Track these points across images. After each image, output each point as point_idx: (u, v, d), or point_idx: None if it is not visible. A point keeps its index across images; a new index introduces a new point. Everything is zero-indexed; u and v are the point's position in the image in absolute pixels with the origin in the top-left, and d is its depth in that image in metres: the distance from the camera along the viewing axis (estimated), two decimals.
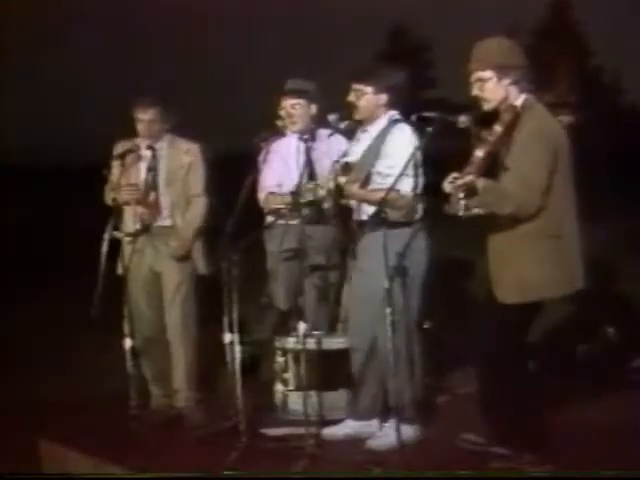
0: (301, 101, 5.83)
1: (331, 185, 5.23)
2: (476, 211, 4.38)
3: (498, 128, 4.46)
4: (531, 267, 4.50)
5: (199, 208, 5.88)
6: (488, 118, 4.61)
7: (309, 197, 5.33)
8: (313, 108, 5.87)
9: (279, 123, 5.96)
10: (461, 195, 4.34)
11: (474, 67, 4.60)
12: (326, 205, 5.34)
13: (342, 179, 5.18)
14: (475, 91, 4.61)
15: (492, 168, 4.45)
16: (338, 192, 5.20)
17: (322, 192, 5.27)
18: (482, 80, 4.58)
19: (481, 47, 4.62)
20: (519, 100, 4.58)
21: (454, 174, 4.40)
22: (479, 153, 4.44)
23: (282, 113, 5.87)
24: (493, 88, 4.57)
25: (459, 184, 4.35)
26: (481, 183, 4.35)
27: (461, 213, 4.38)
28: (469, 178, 4.35)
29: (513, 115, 4.47)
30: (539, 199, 4.44)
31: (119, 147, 5.86)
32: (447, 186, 4.43)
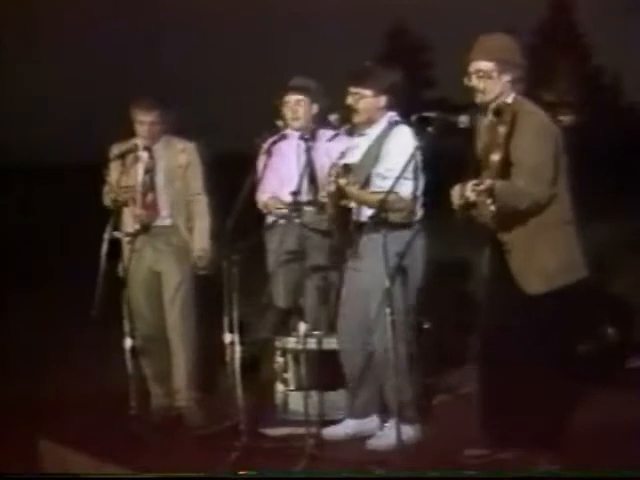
0: (305, 98, 5.84)
1: (331, 188, 5.23)
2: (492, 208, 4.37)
3: (503, 129, 4.46)
4: (551, 255, 4.54)
5: (203, 209, 5.87)
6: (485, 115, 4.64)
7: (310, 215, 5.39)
8: (314, 107, 5.88)
9: (279, 123, 5.97)
10: (489, 201, 4.31)
11: (477, 57, 4.60)
12: (326, 214, 5.36)
13: (342, 181, 5.18)
14: (473, 82, 4.61)
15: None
16: (338, 193, 5.20)
17: (323, 199, 5.28)
18: (482, 72, 4.58)
19: (487, 39, 4.65)
20: (510, 98, 4.60)
21: (474, 181, 4.37)
22: (495, 157, 4.43)
23: (285, 110, 5.88)
24: (492, 82, 4.58)
25: (482, 189, 4.32)
26: (497, 184, 4.35)
27: (491, 220, 4.39)
28: (489, 182, 4.33)
29: (512, 114, 4.48)
30: (549, 189, 4.50)
31: (115, 149, 5.87)
32: (471, 195, 4.39)
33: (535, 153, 4.47)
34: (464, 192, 4.43)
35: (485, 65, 4.58)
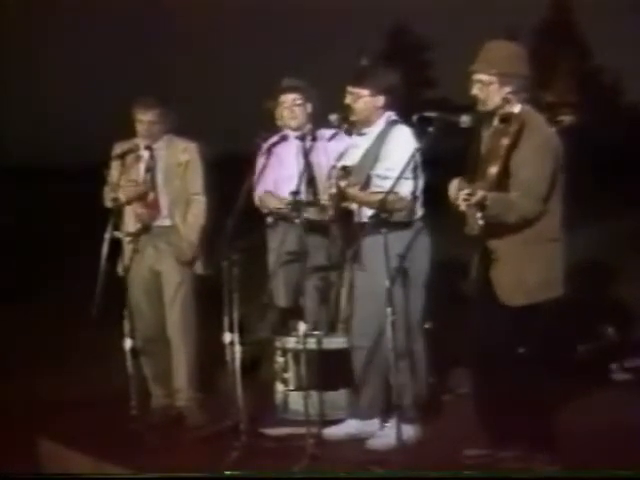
0: (300, 97, 5.85)
1: (333, 190, 5.22)
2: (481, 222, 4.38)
3: (505, 141, 4.45)
4: (533, 270, 4.53)
5: (199, 208, 5.87)
6: (490, 121, 4.64)
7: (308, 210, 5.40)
8: (309, 107, 5.89)
9: (279, 123, 5.98)
10: (479, 215, 4.34)
11: (477, 69, 4.60)
12: (327, 215, 5.36)
13: (343, 182, 5.18)
14: (474, 91, 4.62)
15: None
16: (340, 196, 5.19)
17: (324, 201, 5.27)
18: (483, 83, 4.58)
19: (489, 50, 4.62)
20: (517, 108, 4.58)
21: (466, 190, 4.37)
22: (493, 170, 4.43)
23: (282, 110, 5.89)
24: (493, 93, 4.58)
25: (474, 202, 4.34)
26: (489, 196, 4.36)
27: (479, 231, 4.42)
28: (481, 195, 4.33)
29: (519, 126, 4.46)
30: (540, 206, 4.49)
31: (117, 148, 5.87)
32: (462, 204, 4.40)
33: (533, 168, 4.45)
34: (457, 196, 4.43)
35: (486, 78, 4.58)
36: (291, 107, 5.86)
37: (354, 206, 5.28)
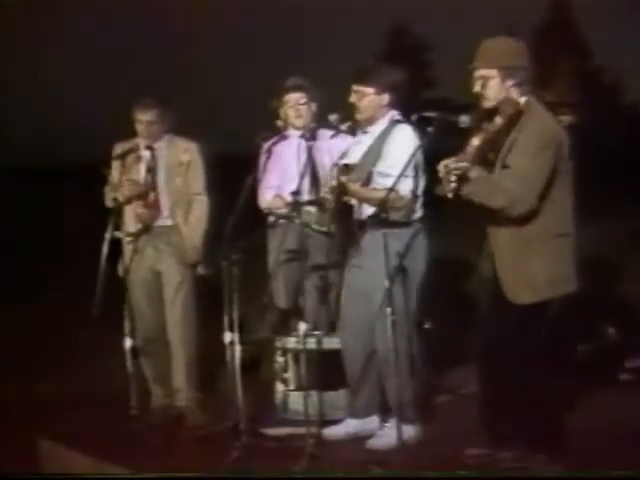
0: (305, 96, 5.85)
1: (333, 182, 5.22)
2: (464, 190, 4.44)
3: (499, 120, 4.49)
4: (541, 267, 4.52)
5: (202, 210, 5.86)
6: (491, 115, 4.64)
7: (309, 219, 5.40)
8: (313, 106, 5.89)
9: (279, 123, 5.97)
10: (453, 179, 4.39)
11: (478, 65, 4.60)
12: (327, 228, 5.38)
13: (344, 178, 5.18)
14: (477, 88, 4.62)
15: (490, 163, 4.48)
16: (339, 189, 5.19)
17: (324, 193, 5.27)
18: (485, 78, 4.58)
19: (488, 46, 4.63)
20: (521, 99, 4.58)
21: (448, 159, 4.43)
22: (475, 142, 4.49)
23: (287, 110, 5.88)
24: (495, 87, 4.58)
25: (452, 168, 4.39)
26: (474, 173, 4.38)
27: (450, 196, 4.46)
28: (462, 165, 4.38)
29: (515, 110, 4.47)
30: (534, 200, 4.46)
31: (118, 148, 5.87)
32: (441, 169, 4.46)
33: (532, 160, 4.44)
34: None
35: (488, 73, 4.59)
36: (296, 106, 5.86)
37: (354, 203, 5.28)
